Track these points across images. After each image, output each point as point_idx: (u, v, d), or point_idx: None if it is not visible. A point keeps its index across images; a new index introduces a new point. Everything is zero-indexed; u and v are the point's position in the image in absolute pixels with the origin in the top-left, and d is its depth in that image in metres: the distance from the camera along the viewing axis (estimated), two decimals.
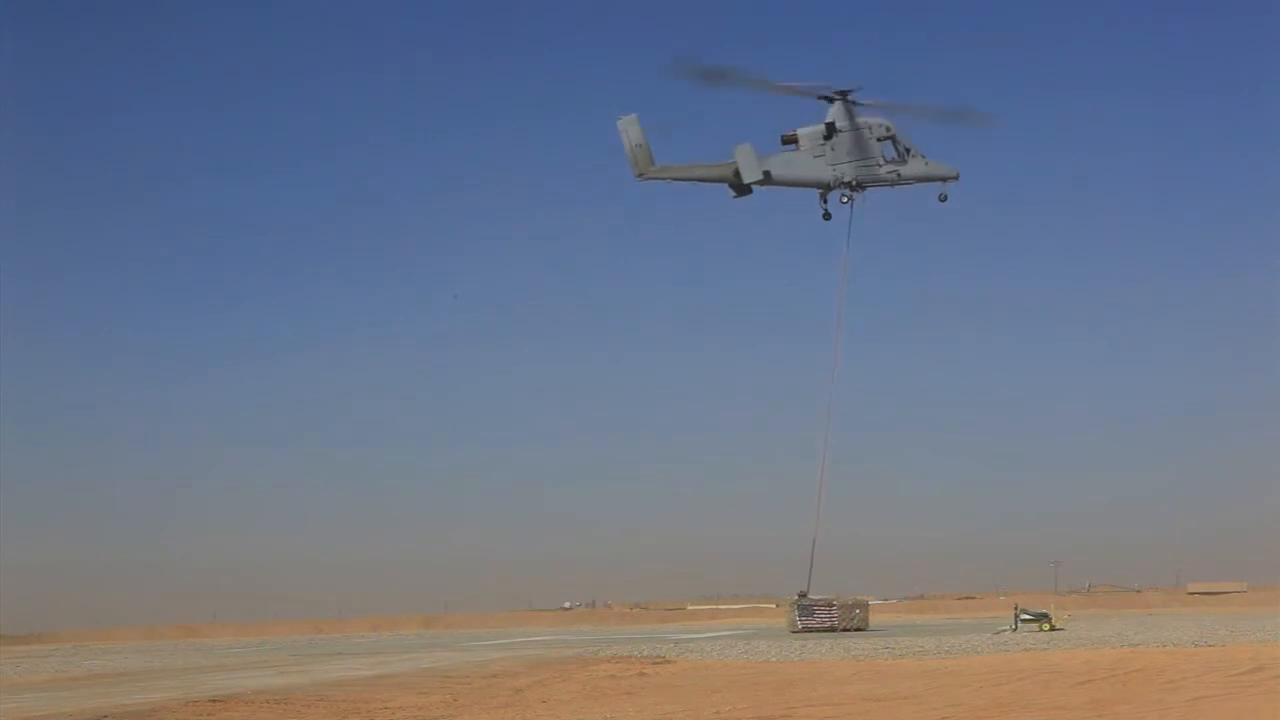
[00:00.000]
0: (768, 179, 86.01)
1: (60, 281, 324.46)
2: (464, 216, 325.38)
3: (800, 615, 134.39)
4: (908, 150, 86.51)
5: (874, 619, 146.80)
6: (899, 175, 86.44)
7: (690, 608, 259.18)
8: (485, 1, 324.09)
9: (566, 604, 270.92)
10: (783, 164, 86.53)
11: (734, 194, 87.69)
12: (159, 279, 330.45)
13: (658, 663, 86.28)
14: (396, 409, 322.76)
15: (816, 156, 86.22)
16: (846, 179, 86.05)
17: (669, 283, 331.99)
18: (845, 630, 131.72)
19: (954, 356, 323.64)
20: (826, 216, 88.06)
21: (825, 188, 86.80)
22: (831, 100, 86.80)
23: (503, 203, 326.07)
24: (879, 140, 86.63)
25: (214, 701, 61.22)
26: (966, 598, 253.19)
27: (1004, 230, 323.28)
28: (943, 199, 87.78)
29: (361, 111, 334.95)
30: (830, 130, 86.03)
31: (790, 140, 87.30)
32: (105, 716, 54.43)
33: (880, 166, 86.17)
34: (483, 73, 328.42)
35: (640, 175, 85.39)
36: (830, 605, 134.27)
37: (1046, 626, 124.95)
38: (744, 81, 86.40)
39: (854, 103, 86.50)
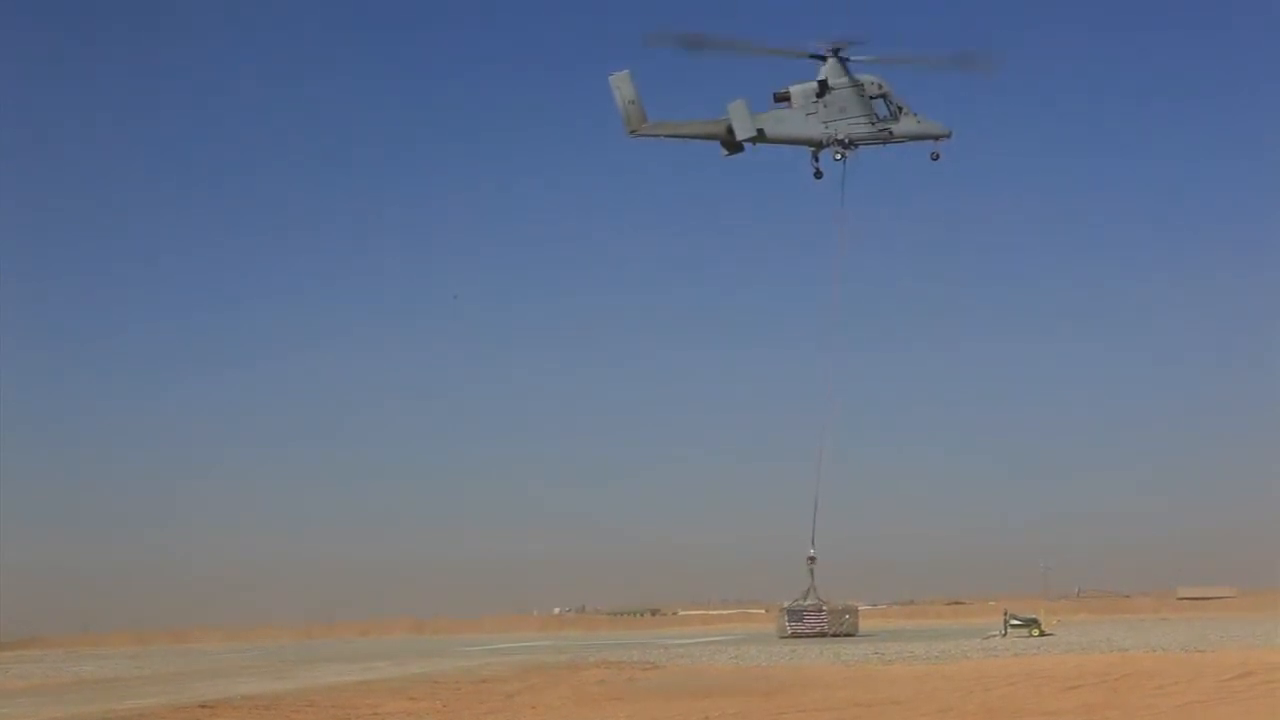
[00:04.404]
0: (760, 136, 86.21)
1: (53, 283, 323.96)
2: (462, 216, 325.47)
3: (789, 620, 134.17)
4: (900, 108, 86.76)
5: (863, 624, 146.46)
6: (891, 133, 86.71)
7: (680, 613, 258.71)
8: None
9: (556, 609, 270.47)
10: (775, 121, 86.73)
11: (726, 151, 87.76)
12: (149, 281, 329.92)
13: (647, 668, 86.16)
14: (387, 412, 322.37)
15: (809, 114, 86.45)
16: (839, 137, 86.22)
17: (661, 284, 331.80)
18: (835, 635, 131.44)
19: (940, 360, 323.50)
20: (818, 175, 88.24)
21: (817, 146, 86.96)
22: (824, 58, 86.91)
23: (499, 201, 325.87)
24: (871, 98, 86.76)
25: (203, 707, 61.10)
26: (956, 603, 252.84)
27: (991, 231, 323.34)
28: (935, 158, 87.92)
29: (355, 110, 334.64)
30: (823, 88, 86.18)
31: (783, 98, 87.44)
32: None
33: (873, 124, 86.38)
34: (476, 62, 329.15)
35: (633, 132, 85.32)
36: (820, 610, 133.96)
37: (1036, 632, 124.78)
38: (725, 46, 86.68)
39: (847, 59, 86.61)
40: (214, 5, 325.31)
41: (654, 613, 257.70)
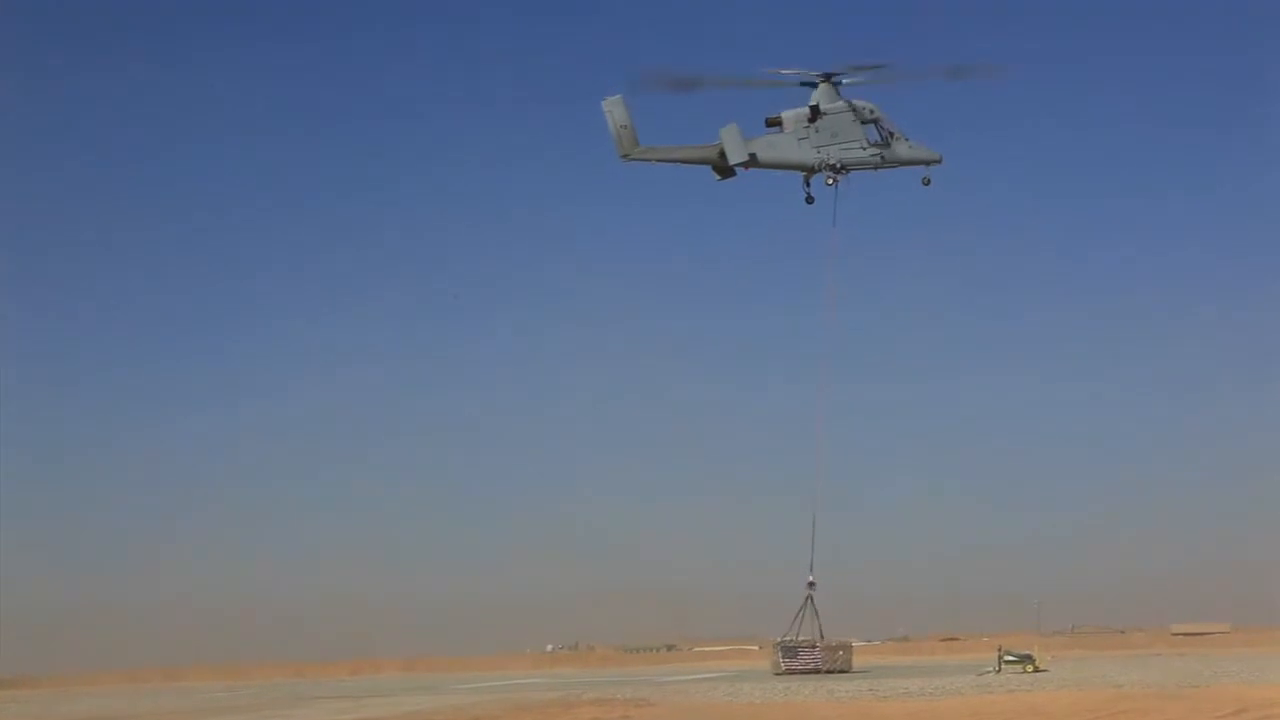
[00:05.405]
0: (753, 161, 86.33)
1: (47, 321, 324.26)
2: (450, 239, 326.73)
3: (784, 657, 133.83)
4: (892, 134, 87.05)
5: (857, 660, 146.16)
6: (883, 158, 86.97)
7: (673, 650, 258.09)
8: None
9: (549, 647, 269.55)
10: (767, 146, 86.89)
11: (718, 176, 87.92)
12: (139, 318, 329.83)
13: (641, 705, 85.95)
14: (379, 450, 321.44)
15: (801, 139, 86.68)
16: (831, 162, 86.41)
17: (655, 317, 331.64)
18: (829, 672, 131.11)
19: (934, 392, 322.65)
20: (809, 200, 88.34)
21: (810, 171, 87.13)
22: (815, 84, 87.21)
23: (488, 233, 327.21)
24: (863, 123, 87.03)
25: None
26: (950, 639, 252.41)
27: (986, 262, 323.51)
28: (926, 183, 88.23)
29: (352, 142, 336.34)
30: (815, 113, 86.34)
31: (774, 123, 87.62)
32: None
33: (864, 149, 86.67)
34: (471, 67, 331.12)
35: (625, 156, 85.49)
36: (814, 647, 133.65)
37: (1030, 668, 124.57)
38: (716, 83, 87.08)
39: (839, 83, 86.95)
40: (227, 40, 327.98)
41: (670, 648, 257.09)
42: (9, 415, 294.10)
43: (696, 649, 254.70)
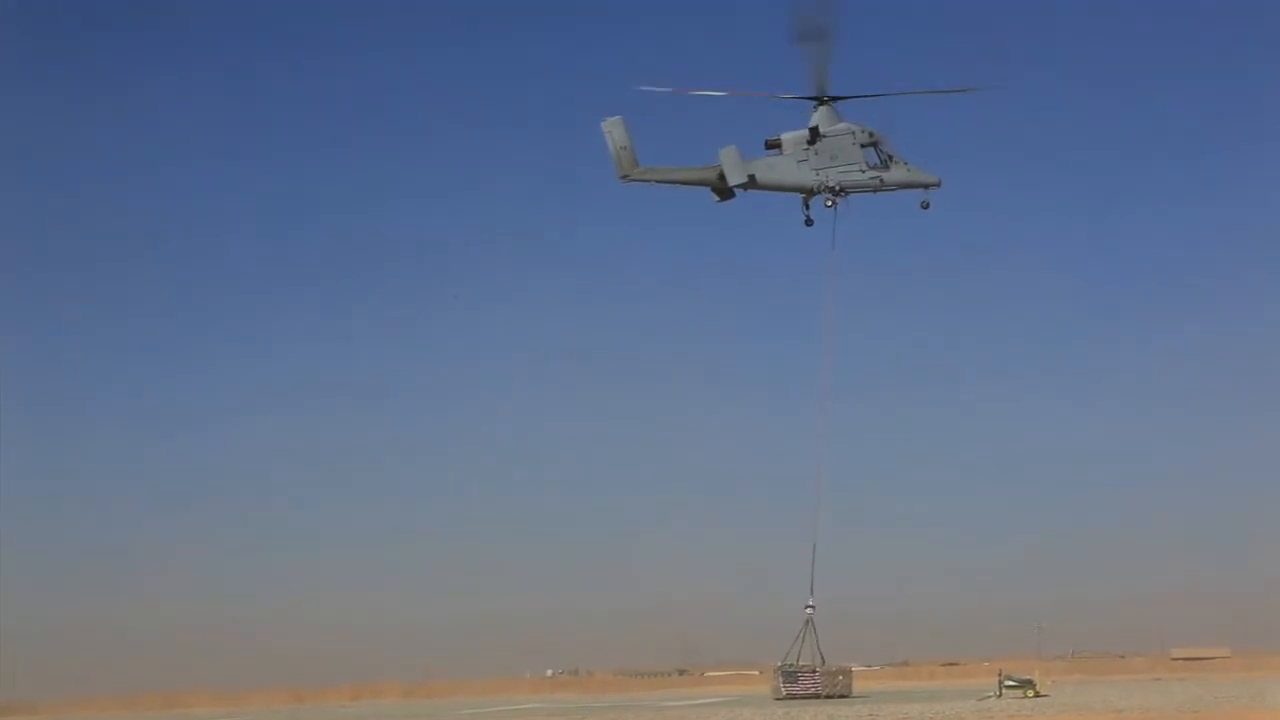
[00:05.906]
0: (752, 183, 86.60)
1: (44, 337, 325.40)
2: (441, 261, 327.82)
3: (784, 682, 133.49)
4: (890, 156, 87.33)
5: (858, 685, 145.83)
6: (882, 181, 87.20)
7: (684, 674, 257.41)
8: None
9: (549, 671, 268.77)
10: (766, 168, 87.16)
11: (717, 198, 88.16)
12: (134, 340, 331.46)
13: None
14: (376, 471, 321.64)
15: (800, 161, 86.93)
16: (830, 184, 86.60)
17: (654, 339, 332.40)
18: (829, 697, 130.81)
19: (930, 418, 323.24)
20: (809, 223, 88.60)
21: (808, 193, 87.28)
22: (817, 102, 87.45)
23: (488, 251, 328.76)
24: (862, 146, 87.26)
25: None
26: (951, 664, 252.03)
27: (988, 286, 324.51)
28: (925, 206, 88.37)
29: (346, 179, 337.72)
30: (814, 135, 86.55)
31: (774, 145, 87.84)
32: None
33: (863, 172, 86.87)
34: (471, 77, 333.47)
35: (624, 177, 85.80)
36: (814, 672, 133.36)
37: (1031, 693, 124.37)
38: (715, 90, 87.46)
39: (838, 105, 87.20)
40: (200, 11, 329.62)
41: (681, 673, 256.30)
42: (5, 437, 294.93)
43: (708, 674, 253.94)
